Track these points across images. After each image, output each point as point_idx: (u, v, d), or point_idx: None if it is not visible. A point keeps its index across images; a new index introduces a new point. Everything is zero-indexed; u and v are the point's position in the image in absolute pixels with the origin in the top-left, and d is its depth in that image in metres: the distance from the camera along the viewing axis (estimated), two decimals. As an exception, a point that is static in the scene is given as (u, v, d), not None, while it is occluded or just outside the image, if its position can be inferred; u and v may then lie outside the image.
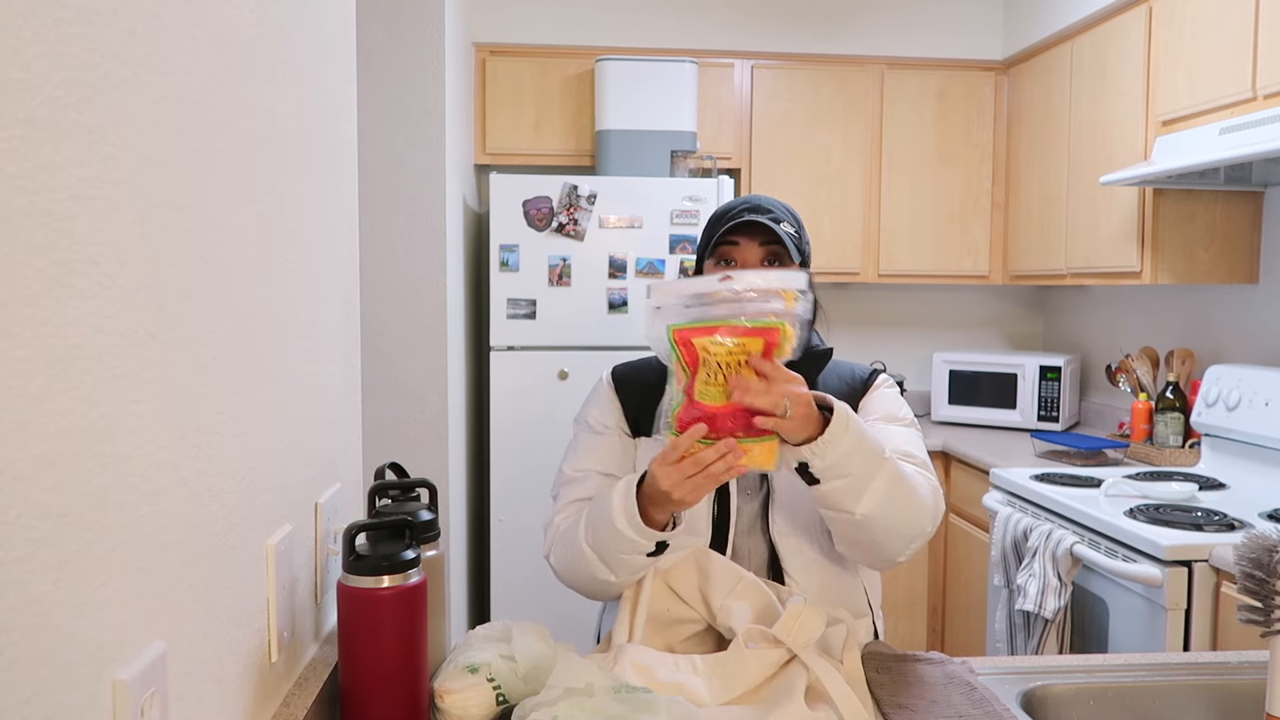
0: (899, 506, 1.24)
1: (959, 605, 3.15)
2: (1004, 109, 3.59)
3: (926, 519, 1.29)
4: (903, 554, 1.31)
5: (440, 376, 2.55)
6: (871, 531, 1.26)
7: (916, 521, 1.28)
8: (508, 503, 3.05)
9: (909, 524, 1.27)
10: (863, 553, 1.32)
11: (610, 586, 1.29)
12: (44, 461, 0.54)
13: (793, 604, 1.19)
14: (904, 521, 1.26)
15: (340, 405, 1.23)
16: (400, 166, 2.49)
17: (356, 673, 0.97)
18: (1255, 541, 1.00)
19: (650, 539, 1.20)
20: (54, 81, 0.55)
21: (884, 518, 1.24)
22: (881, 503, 1.22)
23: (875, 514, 1.23)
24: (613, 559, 1.24)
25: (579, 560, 1.28)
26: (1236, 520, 2.03)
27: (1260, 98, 2.23)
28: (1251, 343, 2.71)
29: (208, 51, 0.77)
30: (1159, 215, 2.66)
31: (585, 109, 3.42)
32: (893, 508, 1.24)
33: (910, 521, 1.27)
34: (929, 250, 3.59)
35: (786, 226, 1.37)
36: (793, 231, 1.38)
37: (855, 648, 1.23)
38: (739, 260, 1.39)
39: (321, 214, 1.13)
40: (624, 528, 1.20)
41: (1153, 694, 1.24)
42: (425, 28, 2.47)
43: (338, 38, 1.22)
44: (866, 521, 1.23)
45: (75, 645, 0.58)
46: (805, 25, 3.54)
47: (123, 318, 0.63)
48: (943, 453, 3.24)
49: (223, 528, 0.81)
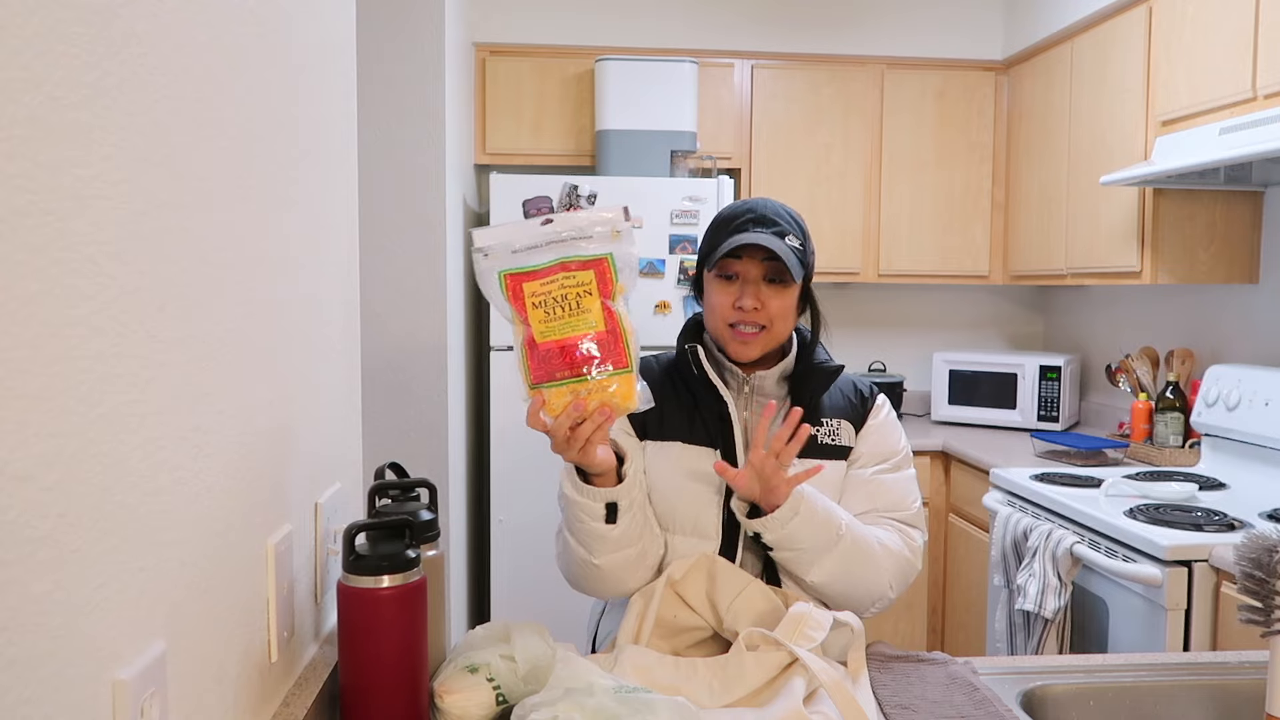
0: (853, 578, 1.32)
1: (959, 605, 3.15)
2: (1004, 109, 3.59)
3: (885, 586, 1.35)
4: (865, 612, 1.37)
5: (440, 376, 2.55)
6: (825, 596, 1.35)
7: (873, 590, 1.34)
8: (508, 503, 3.05)
9: (865, 593, 1.34)
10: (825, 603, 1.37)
11: (599, 573, 1.31)
12: (44, 461, 0.54)
13: (795, 609, 1.19)
14: (860, 591, 1.34)
15: (340, 405, 1.23)
16: (400, 166, 2.49)
17: (356, 673, 0.96)
18: (1255, 541, 1.00)
19: (595, 498, 1.25)
20: (54, 81, 0.55)
21: (835, 585, 1.32)
22: (833, 575, 1.31)
23: (827, 583, 1.32)
24: (579, 533, 1.29)
25: (565, 550, 1.34)
26: (1236, 520, 2.03)
27: (1260, 98, 2.23)
28: (1251, 343, 2.71)
29: (208, 51, 0.77)
30: (1159, 215, 2.66)
31: (585, 109, 3.41)
32: (846, 579, 1.32)
33: (867, 591, 1.34)
34: (929, 250, 3.59)
35: (791, 240, 1.36)
36: (798, 245, 1.36)
37: (860, 649, 1.23)
38: (740, 275, 1.38)
39: (321, 213, 1.13)
40: (570, 492, 1.26)
41: (1153, 694, 1.24)
42: (425, 28, 2.47)
43: (338, 37, 1.22)
44: (819, 588, 1.33)
45: (75, 645, 0.58)
46: (805, 25, 3.54)
47: (123, 318, 0.63)
48: (943, 453, 3.24)
49: (223, 528, 0.81)
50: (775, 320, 1.37)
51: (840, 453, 1.42)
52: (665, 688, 1.11)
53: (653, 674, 1.14)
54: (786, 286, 1.37)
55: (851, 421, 1.44)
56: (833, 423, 1.43)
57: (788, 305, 1.38)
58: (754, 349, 1.39)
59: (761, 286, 1.37)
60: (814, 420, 1.40)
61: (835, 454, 1.42)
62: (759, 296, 1.36)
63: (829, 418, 1.43)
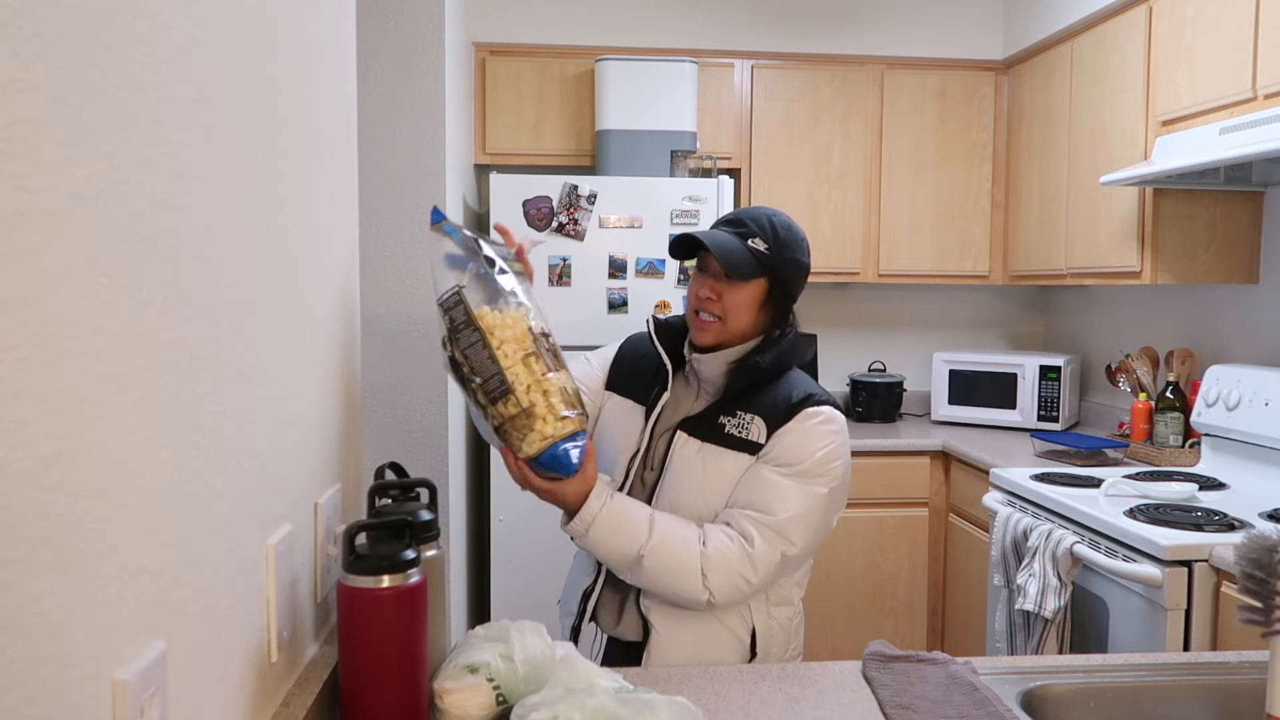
0: (663, 588, 1.39)
1: (959, 605, 3.15)
2: (1004, 109, 3.59)
3: (699, 598, 1.38)
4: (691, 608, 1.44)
5: (440, 376, 2.55)
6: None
7: (686, 599, 1.39)
8: (508, 503, 3.05)
9: (679, 599, 1.40)
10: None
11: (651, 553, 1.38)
12: (44, 461, 0.54)
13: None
14: (673, 597, 1.40)
15: (340, 405, 1.23)
16: (400, 166, 2.49)
17: (356, 673, 0.96)
18: (1255, 541, 1.00)
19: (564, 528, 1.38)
20: (54, 81, 0.55)
21: (648, 589, 1.42)
22: (640, 582, 1.40)
23: (639, 583, 1.41)
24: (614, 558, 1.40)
25: (642, 578, 1.42)
26: (1236, 520, 2.03)
27: (1260, 98, 2.22)
28: (1251, 343, 2.71)
29: (208, 51, 0.77)
30: (1159, 215, 2.66)
31: (585, 109, 3.41)
32: (656, 587, 1.40)
33: (679, 599, 1.40)
34: (929, 250, 3.59)
35: (755, 242, 1.45)
36: (762, 248, 1.45)
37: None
38: (705, 268, 1.50)
39: (322, 213, 1.13)
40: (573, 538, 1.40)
41: (1153, 694, 1.24)
42: (425, 28, 2.47)
43: (338, 37, 1.22)
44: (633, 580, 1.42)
45: (75, 645, 0.58)
46: (805, 25, 3.54)
47: (123, 318, 0.63)
48: (943, 453, 3.24)
49: (223, 528, 0.81)
50: (730, 313, 1.46)
51: (746, 446, 1.45)
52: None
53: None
54: (742, 282, 1.45)
55: (767, 420, 1.45)
56: (746, 416, 1.46)
57: (741, 300, 1.46)
58: (708, 336, 1.48)
59: (721, 281, 1.46)
60: (730, 411, 1.47)
61: (739, 446, 1.45)
62: (715, 289, 1.46)
63: (746, 411, 1.47)
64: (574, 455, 1.27)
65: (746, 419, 1.46)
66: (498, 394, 1.22)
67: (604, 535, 1.35)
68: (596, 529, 1.35)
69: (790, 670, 1.26)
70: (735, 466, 1.45)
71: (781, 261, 1.46)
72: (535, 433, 1.23)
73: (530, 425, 1.23)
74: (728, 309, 1.46)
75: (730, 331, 1.48)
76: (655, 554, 1.36)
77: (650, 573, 1.37)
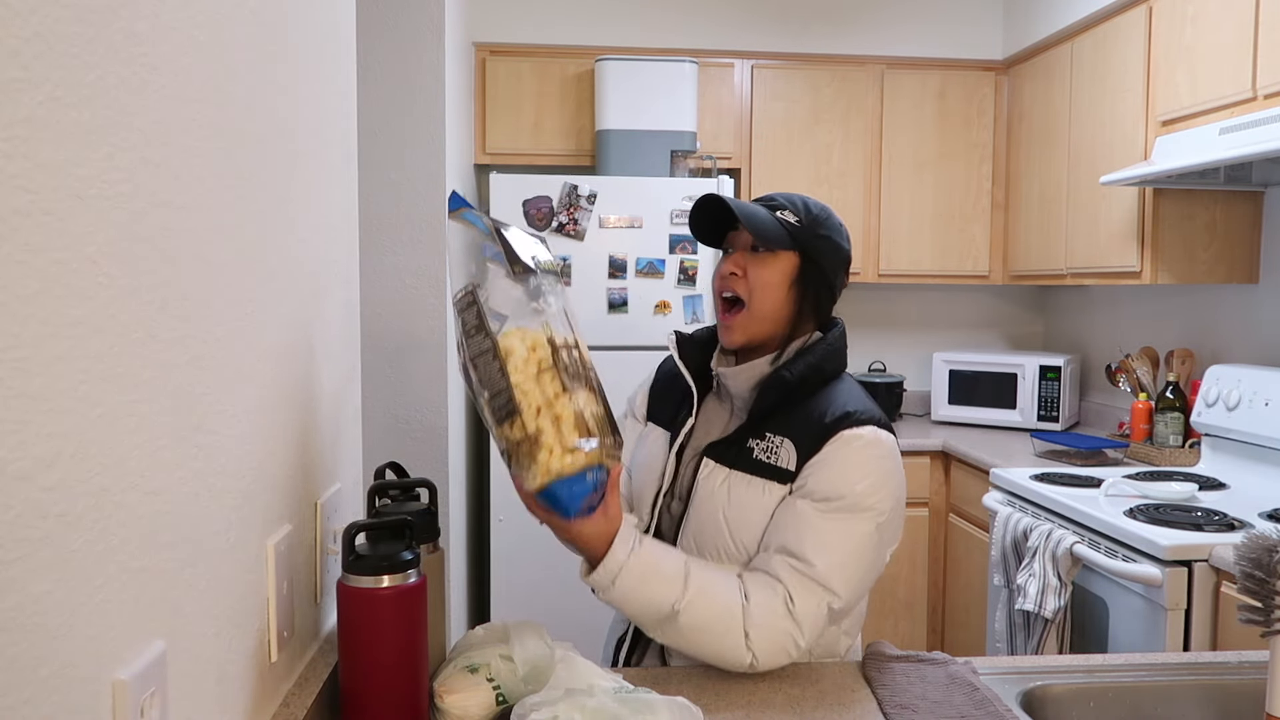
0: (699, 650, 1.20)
1: (959, 605, 3.15)
2: (1004, 109, 3.59)
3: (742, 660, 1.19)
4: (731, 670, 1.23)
5: (440, 376, 2.55)
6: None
7: (727, 661, 1.20)
8: (508, 503, 3.05)
9: (718, 661, 1.20)
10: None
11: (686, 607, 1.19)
12: (44, 461, 0.54)
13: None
14: (711, 659, 1.21)
15: (340, 405, 1.23)
16: (400, 166, 2.49)
17: (356, 673, 0.96)
18: (1255, 541, 1.00)
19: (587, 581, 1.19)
20: (54, 81, 0.55)
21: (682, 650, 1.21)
22: (673, 643, 1.20)
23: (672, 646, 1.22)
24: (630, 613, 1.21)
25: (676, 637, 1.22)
26: (1236, 520, 2.03)
27: (1260, 98, 2.22)
28: (1251, 343, 2.71)
29: (208, 51, 0.77)
30: (1159, 215, 2.66)
31: (585, 109, 3.41)
32: (691, 649, 1.20)
33: (719, 660, 1.20)
34: (929, 250, 3.59)
35: (785, 214, 1.31)
36: (792, 220, 1.31)
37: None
38: (732, 243, 1.37)
39: (321, 213, 1.13)
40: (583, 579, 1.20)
41: (1153, 694, 1.24)
42: (425, 28, 2.47)
43: (338, 37, 1.22)
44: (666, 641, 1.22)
45: (75, 645, 0.58)
46: (805, 25, 3.54)
47: (123, 318, 0.63)
48: (943, 453, 3.24)
49: (223, 528, 0.81)
50: (755, 291, 1.31)
51: (774, 474, 1.26)
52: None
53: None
54: (771, 255, 1.31)
55: (797, 443, 1.26)
56: (775, 439, 1.28)
57: (768, 277, 1.31)
58: (735, 334, 1.33)
59: (746, 255, 1.33)
60: (759, 432, 1.29)
61: (768, 474, 1.27)
62: (739, 263, 1.32)
63: (775, 433, 1.28)
64: (577, 500, 1.09)
65: (776, 441, 1.27)
66: (504, 414, 1.04)
67: (632, 587, 1.15)
68: (624, 580, 1.15)
69: (790, 670, 1.26)
70: (765, 498, 1.26)
71: (814, 238, 1.31)
72: (538, 464, 1.03)
73: (534, 456, 1.03)
74: (753, 287, 1.30)
75: (756, 318, 1.31)
76: (692, 609, 1.16)
77: (686, 632, 1.17)
